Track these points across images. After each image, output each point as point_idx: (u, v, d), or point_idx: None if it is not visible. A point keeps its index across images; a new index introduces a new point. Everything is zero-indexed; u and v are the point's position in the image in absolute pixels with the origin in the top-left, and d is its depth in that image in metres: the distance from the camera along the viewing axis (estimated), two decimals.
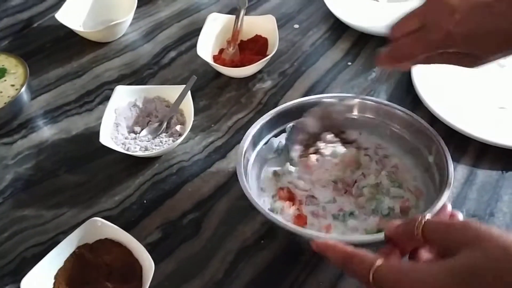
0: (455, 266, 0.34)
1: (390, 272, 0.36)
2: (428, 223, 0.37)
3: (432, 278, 0.34)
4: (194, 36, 0.82)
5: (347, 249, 0.40)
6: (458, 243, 0.34)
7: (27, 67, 0.74)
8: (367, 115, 0.63)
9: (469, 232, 0.34)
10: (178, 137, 0.65)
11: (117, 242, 0.54)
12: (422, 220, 0.37)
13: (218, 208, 0.61)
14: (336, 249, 0.40)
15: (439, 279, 0.34)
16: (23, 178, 0.65)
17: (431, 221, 0.37)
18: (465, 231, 0.35)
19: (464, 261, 0.34)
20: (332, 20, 0.86)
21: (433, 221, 0.37)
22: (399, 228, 0.40)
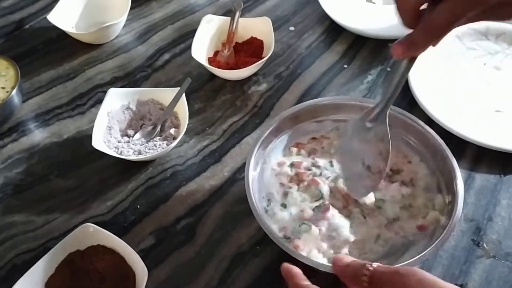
0: None
1: None
2: (376, 271, 0.37)
3: None
4: (189, 38, 0.81)
5: (304, 283, 0.41)
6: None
7: (18, 69, 0.72)
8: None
9: (413, 278, 0.34)
10: (172, 141, 0.64)
11: (109, 249, 0.53)
12: (370, 267, 0.37)
13: (213, 213, 0.60)
14: (295, 280, 0.41)
15: None
16: (13, 183, 0.64)
17: (379, 268, 0.37)
18: (410, 277, 0.34)
19: None
20: (327, 22, 0.85)
21: (381, 268, 0.37)
22: (347, 269, 0.39)
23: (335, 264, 0.41)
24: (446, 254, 0.55)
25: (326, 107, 0.62)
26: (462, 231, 0.57)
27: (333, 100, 0.63)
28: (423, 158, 0.58)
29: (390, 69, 0.77)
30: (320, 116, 0.62)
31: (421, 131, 0.58)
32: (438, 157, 0.56)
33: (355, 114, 0.61)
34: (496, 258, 0.55)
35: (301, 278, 0.42)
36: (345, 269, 0.40)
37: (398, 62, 0.46)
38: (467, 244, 0.56)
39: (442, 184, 0.55)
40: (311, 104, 0.62)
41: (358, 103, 0.62)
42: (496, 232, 0.57)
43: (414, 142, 0.59)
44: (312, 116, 0.62)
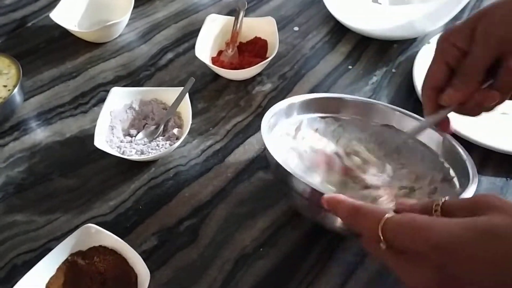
0: (477, 223, 0.31)
1: (401, 221, 0.34)
2: (448, 201, 0.35)
3: (448, 230, 0.31)
4: (192, 38, 0.81)
5: (355, 202, 0.38)
6: (482, 210, 0.32)
7: (20, 67, 0.72)
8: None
9: (494, 201, 0.32)
10: (175, 141, 0.64)
11: (111, 250, 0.53)
12: (441, 200, 0.35)
13: (216, 214, 0.59)
14: (344, 203, 0.39)
15: (456, 232, 0.31)
16: (14, 182, 0.63)
17: (452, 199, 0.35)
18: (489, 201, 0.33)
19: (488, 219, 0.31)
20: (332, 23, 0.85)
21: (454, 199, 0.35)
22: (413, 206, 0.37)
23: (401, 205, 0.39)
24: None
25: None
26: None
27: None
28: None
29: (395, 70, 0.76)
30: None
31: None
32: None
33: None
34: None
35: (351, 200, 0.39)
36: (412, 208, 0.37)
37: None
38: None
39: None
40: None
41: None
42: None
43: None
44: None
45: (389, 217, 0.34)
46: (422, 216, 0.34)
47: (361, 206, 0.37)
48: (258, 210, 0.59)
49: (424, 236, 0.32)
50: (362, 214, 0.37)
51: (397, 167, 0.58)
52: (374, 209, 0.36)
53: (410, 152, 0.59)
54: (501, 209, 0.32)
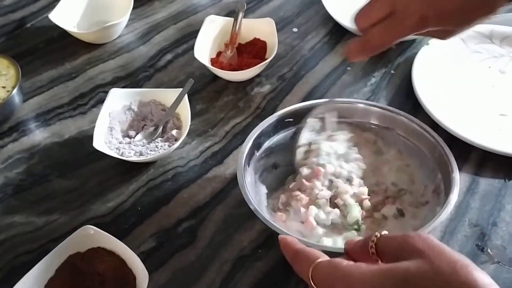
0: (392, 270, 0.32)
1: (325, 268, 0.35)
2: (381, 238, 0.36)
3: (364, 277, 0.32)
4: (191, 39, 0.81)
5: (297, 246, 0.40)
6: (408, 254, 0.33)
7: (19, 68, 0.72)
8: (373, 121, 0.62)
9: (418, 245, 0.33)
10: (174, 142, 0.64)
11: (110, 251, 0.53)
12: (376, 235, 0.36)
13: (215, 216, 0.59)
14: (288, 246, 0.40)
15: (374, 281, 0.32)
16: (13, 183, 0.63)
17: (385, 235, 0.36)
18: (414, 244, 0.33)
19: (404, 267, 0.31)
20: (331, 24, 0.85)
21: (387, 236, 0.36)
22: (357, 244, 0.38)
23: (347, 243, 0.40)
24: None
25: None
26: (466, 236, 0.56)
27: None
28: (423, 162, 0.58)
29: (394, 72, 0.77)
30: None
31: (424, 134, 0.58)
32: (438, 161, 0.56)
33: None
34: (500, 263, 0.54)
35: (295, 243, 0.40)
36: (356, 245, 0.38)
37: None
38: (471, 249, 0.55)
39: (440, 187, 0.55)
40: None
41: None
42: (500, 238, 0.56)
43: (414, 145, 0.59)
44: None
45: (318, 262, 0.36)
46: (346, 264, 0.34)
47: (299, 250, 0.39)
48: None
49: (344, 283, 0.33)
50: (300, 258, 0.38)
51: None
52: (309, 253, 0.38)
53: (411, 155, 0.59)
54: (422, 253, 0.32)
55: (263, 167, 0.59)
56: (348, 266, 0.34)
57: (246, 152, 0.56)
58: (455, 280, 0.30)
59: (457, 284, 0.30)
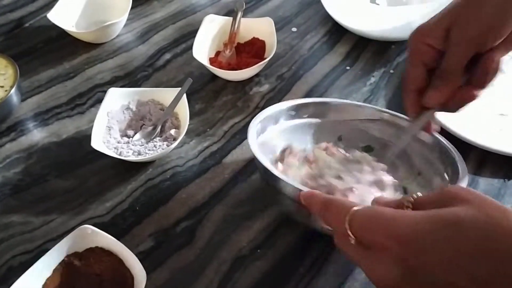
0: (441, 214, 0.31)
1: (367, 214, 0.34)
2: (419, 197, 0.35)
3: (412, 223, 0.31)
4: (190, 38, 0.81)
5: (327, 196, 0.38)
6: (451, 202, 0.32)
7: (17, 68, 0.72)
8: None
9: (460, 193, 0.32)
10: (173, 142, 0.64)
11: (108, 251, 0.53)
12: (412, 195, 0.35)
13: (213, 215, 0.59)
14: (317, 197, 0.39)
15: (419, 224, 0.31)
16: (11, 183, 0.63)
17: (422, 195, 0.35)
18: (456, 192, 0.32)
19: (452, 211, 0.31)
20: (330, 24, 0.85)
21: (424, 195, 0.35)
22: (388, 203, 0.37)
23: (377, 202, 0.39)
24: None
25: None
26: None
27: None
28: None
29: (393, 71, 0.76)
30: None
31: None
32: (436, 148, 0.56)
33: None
34: None
35: (323, 194, 0.39)
36: (387, 205, 0.37)
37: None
38: None
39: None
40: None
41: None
42: None
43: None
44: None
45: (356, 210, 0.34)
46: (388, 209, 0.33)
47: (331, 199, 0.38)
48: (255, 211, 0.59)
49: (387, 228, 0.32)
50: (332, 208, 0.37)
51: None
52: (343, 202, 0.36)
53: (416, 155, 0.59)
54: (467, 200, 0.31)
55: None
56: (391, 212, 0.33)
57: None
58: (507, 225, 0.29)
59: (509, 230, 0.29)
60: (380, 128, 0.61)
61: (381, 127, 0.61)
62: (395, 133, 0.59)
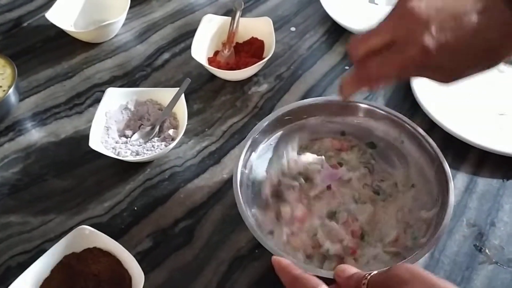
0: None
1: None
2: (373, 276, 0.37)
3: None
4: (189, 38, 0.80)
5: (296, 271, 0.40)
6: (395, 285, 0.35)
7: (15, 67, 0.71)
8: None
9: (404, 276, 0.35)
10: (171, 142, 0.64)
11: (105, 251, 0.53)
12: (368, 276, 0.37)
13: (212, 215, 0.59)
14: (287, 269, 0.41)
15: None
16: (9, 183, 0.63)
17: (375, 274, 0.37)
18: (400, 275, 0.35)
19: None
20: (329, 23, 0.84)
21: (377, 274, 0.37)
22: (350, 279, 0.40)
23: (338, 276, 0.41)
24: (448, 259, 0.54)
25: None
26: (464, 236, 0.56)
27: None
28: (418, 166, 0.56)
29: None
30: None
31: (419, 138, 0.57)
32: (434, 166, 0.54)
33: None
34: (498, 264, 0.54)
35: (293, 267, 0.41)
36: (348, 281, 0.40)
37: None
38: (469, 249, 0.55)
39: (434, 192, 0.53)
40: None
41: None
42: (498, 238, 0.56)
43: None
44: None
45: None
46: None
47: (298, 276, 0.40)
48: None
49: None
50: (298, 284, 0.39)
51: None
52: (309, 280, 0.39)
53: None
54: (408, 283, 0.34)
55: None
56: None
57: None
58: None
59: None
60: (383, 128, 0.60)
61: (384, 126, 0.60)
62: (398, 133, 0.59)
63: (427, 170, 0.55)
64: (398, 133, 0.58)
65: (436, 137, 0.65)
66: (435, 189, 0.53)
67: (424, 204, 0.53)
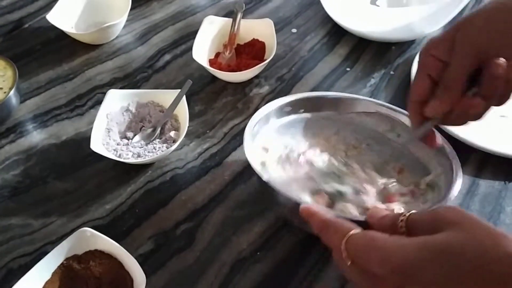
0: (431, 242, 0.32)
1: (361, 240, 0.35)
2: (412, 215, 0.36)
3: (402, 250, 0.32)
4: (190, 39, 0.80)
5: (327, 216, 0.39)
6: (442, 226, 0.33)
7: (16, 69, 0.71)
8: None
9: (451, 216, 0.33)
10: (172, 144, 0.63)
11: (107, 254, 0.52)
12: (406, 213, 0.36)
13: (213, 218, 0.59)
14: (317, 216, 0.40)
15: (411, 254, 0.32)
16: (10, 185, 0.63)
17: (416, 213, 0.36)
18: (447, 216, 0.33)
19: (442, 238, 0.32)
20: (330, 25, 0.84)
21: (418, 213, 0.36)
22: (383, 219, 0.39)
23: (371, 217, 0.40)
24: None
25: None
26: None
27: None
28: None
29: (393, 73, 0.76)
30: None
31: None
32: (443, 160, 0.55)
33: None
34: None
35: (323, 213, 0.40)
36: (381, 221, 0.39)
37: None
38: None
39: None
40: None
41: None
42: None
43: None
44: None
45: (352, 234, 0.36)
46: (381, 237, 0.34)
47: (330, 221, 0.39)
48: (255, 214, 0.59)
49: (381, 257, 0.33)
50: (331, 229, 0.38)
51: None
52: (341, 224, 0.38)
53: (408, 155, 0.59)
54: (458, 224, 0.32)
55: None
56: (384, 239, 0.34)
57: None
58: (496, 251, 0.30)
59: (499, 257, 0.30)
60: (377, 121, 0.61)
61: (377, 121, 0.61)
62: (391, 126, 0.60)
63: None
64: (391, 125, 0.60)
65: None
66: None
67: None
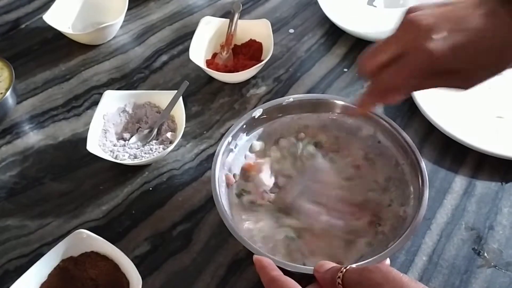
0: None
1: None
2: (347, 272, 0.38)
3: None
4: (187, 40, 0.80)
5: (274, 272, 0.42)
6: (368, 286, 0.35)
7: (12, 70, 0.71)
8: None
9: (380, 275, 0.35)
10: (169, 145, 0.63)
11: (103, 256, 0.52)
12: (342, 270, 0.38)
13: (210, 219, 0.59)
14: (264, 270, 0.43)
15: None
16: (6, 186, 0.63)
17: (350, 269, 0.38)
18: (375, 274, 0.36)
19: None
20: (327, 25, 0.84)
21: (351, 269, 0.38)
22: (326, 274, 0.41)
23: (317, 271, 0.42)
24: (446, 263, 0.54)
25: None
26: (462, 239, 0.56)
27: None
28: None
29: None
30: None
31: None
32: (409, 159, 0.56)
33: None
34: (497, 267, 0.54)
35: (272, 268, 0.43)
36: (324, 276, 0.41)
37: None
38: (468, 253, 0.55)
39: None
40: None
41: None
42: (497, 241, 0.56)
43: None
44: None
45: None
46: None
47: (275, 277, 0.42)
48: None
49: None
50: (275, 286, 0.41)
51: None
52: (285, 283, 0.40)
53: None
54: (381, 286, 0.35)
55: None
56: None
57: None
58: None
59: None
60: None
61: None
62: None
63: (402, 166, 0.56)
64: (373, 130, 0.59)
65: (434, 140, 0.65)
66: (411, 185, 0.54)
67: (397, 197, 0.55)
